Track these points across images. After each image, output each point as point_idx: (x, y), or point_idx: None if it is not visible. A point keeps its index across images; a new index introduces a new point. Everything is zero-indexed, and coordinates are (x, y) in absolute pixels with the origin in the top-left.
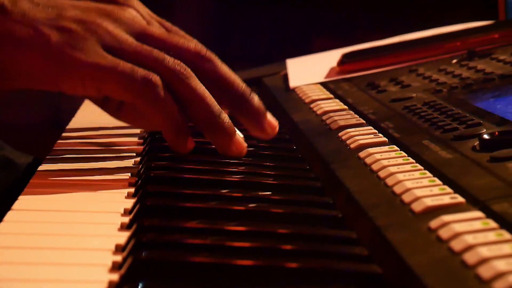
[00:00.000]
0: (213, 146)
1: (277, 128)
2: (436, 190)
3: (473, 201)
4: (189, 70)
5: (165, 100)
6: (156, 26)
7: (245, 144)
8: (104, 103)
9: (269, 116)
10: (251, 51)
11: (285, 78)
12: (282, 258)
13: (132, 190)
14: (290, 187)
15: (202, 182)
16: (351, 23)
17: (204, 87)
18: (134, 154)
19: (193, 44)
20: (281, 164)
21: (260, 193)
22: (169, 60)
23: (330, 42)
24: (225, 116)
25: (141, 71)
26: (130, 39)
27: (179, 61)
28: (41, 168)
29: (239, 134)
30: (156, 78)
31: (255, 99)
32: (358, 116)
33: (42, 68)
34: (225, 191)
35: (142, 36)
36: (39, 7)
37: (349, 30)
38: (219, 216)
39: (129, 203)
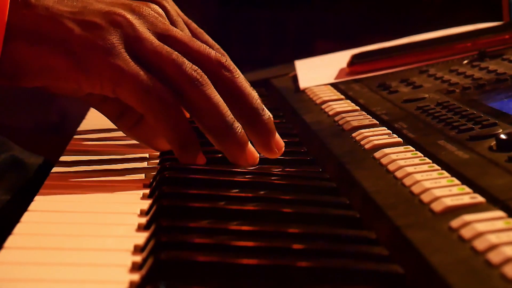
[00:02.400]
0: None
1: (283, 149)
2: (455, 190)
3: (493, 201)
4: (205, 77)
5: (175, 118)
6: (181, 26)
7: (257, 155)
8: (118, 120)
9: (277, 136)
10: (253, 54)
11: (294, 79)
12: (300, 257)
13: (147, 191)
14: (304, 187)
15: (215, 183)
16: (353, 26)
17: (218, 96)
18: (147, 156)
19: (213, 52)
20: (293, 166)
21: (274, 194)
22: (187, 65)
23: (333, 45)
24: (238, 126)
25: (157, 87)
26: (152, 37)
27: (196, 67)
28: (55, 169)
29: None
30: (169, 97)
31: (267, 116)
32: (370, 117)
33: (64, 64)
34: (238, 191)
35: (165, 36)
36: (64, 1)
37: (352, 33)
38: (232, 217)
39: (145, 204)
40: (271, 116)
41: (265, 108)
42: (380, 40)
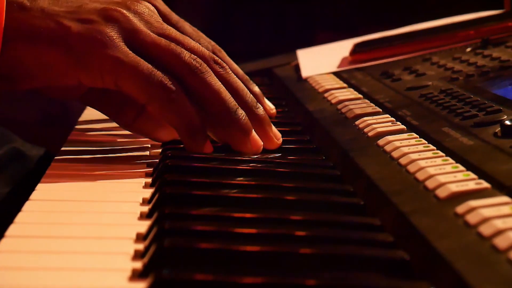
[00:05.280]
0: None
1: (281, 140)
2: (460, 176)
3: (499, 187)
4: (204, 65)
5: (180, 103)
6: (173, 23)
7: (261, 143)
8: (117, 117)
9: (274, 130)
10: (254, 47)
11: (297, 68)
12: (303, 244)
13: (149, 180)
14: (308, 175)
15: (218, 171)
16: (354, 17)
17: (220, 83)
18: (149, 146)
19: (206, 50)
20: (296, 154)
21: (277, 182)
22: (186, 54)
23: (333, 36)
24: (241, 113)
25: (158, 75)
26: (149, 31)
27: (195, 56)
28: (56, 159)
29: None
30: (172, 83)
31: (261, 109)
32: (374, 105)
33: (63, 61)
34: (240, 179)
35: (160, 34)
36: (59, 2)
37: (353, 24)
38: (235, 204)
39: (147, 192)
40: (272, 107)
41: (259, 104)
42: (381, 31)
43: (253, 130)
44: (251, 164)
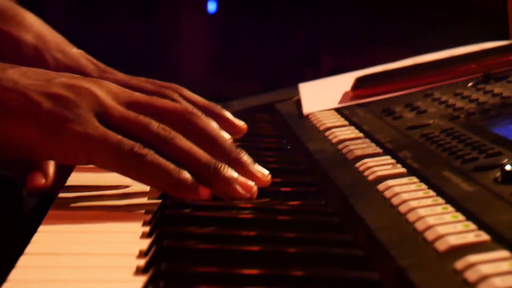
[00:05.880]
0: None
1: (269, 177)
2: (459, 226)
3: (499, 239)
4: (173, 132)
5: (155, 163)
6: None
7: (252, 184)
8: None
9: (257, 167)
10: (259, 67)
11: (298, 103)
12: None
13: (146, 229)
14: (307, 223)
15: (218, 220)
16: (357, 38)
17: (190, 144)
18: (148, 190)
19: (179, 105)
20: (297, 198)
21: (274, 232)
22: (154, 124)
23: (337, 57)
24: (220, 166)
25: (128, 144)
26: (117, 106)
27: (163, 125)
28: (53, 208)
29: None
30: (142, 149)
31: (240, 153)
32: (374, 145)
33: (35, 139)
34: (241, 230)
35: (129, 104)
36: (27, 75)
37: (357, 44)
38: (235, 261)
39: (144, 243)
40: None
41: (236, 148)
42: (385, 51)
43: (239, 176)
44: (251, 212)
